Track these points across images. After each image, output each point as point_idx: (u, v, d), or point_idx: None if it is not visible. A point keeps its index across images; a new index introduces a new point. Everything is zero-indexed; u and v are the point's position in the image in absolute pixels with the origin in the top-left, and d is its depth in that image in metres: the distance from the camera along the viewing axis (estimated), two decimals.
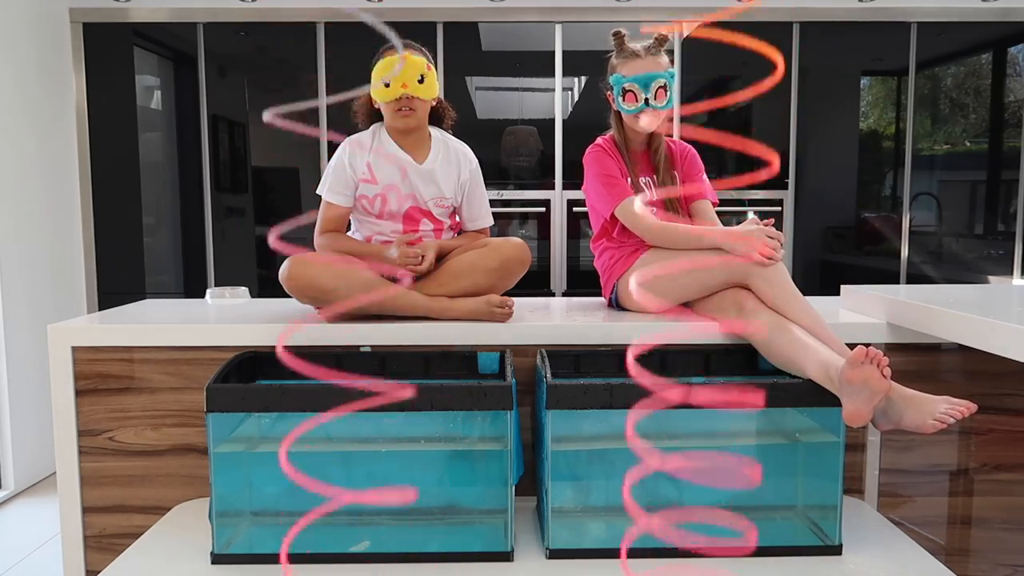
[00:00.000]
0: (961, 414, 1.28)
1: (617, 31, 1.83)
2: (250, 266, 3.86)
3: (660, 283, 1.73)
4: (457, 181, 1.84)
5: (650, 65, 1.77)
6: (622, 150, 1.87)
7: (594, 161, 1.86)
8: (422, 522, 1.38)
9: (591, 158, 1.87)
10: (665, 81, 1.76)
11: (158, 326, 1.65)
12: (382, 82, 1.70)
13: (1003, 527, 1.72)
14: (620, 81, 1.79)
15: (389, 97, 1.71)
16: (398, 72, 1.68)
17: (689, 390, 1.21)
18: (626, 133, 1.87)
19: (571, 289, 3.80)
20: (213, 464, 1.31)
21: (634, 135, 1.87)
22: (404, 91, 1.70)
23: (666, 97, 1.77)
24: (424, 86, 1.72)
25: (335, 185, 1.78)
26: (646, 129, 1.83)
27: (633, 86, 1.76)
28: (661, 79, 1.76)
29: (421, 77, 1.71)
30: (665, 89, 1.76)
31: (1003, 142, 3.84)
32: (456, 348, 1.62)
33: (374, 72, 1.74)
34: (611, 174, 1.82)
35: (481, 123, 3.80)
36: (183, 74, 3.79)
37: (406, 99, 1.72)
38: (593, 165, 1.86)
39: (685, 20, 3.65)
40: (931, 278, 3.87)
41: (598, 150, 1.87)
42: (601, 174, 1.83)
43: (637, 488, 1.39)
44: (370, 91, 1.77)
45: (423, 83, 1.71)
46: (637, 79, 1.76)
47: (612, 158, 1.85)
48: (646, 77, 1.75)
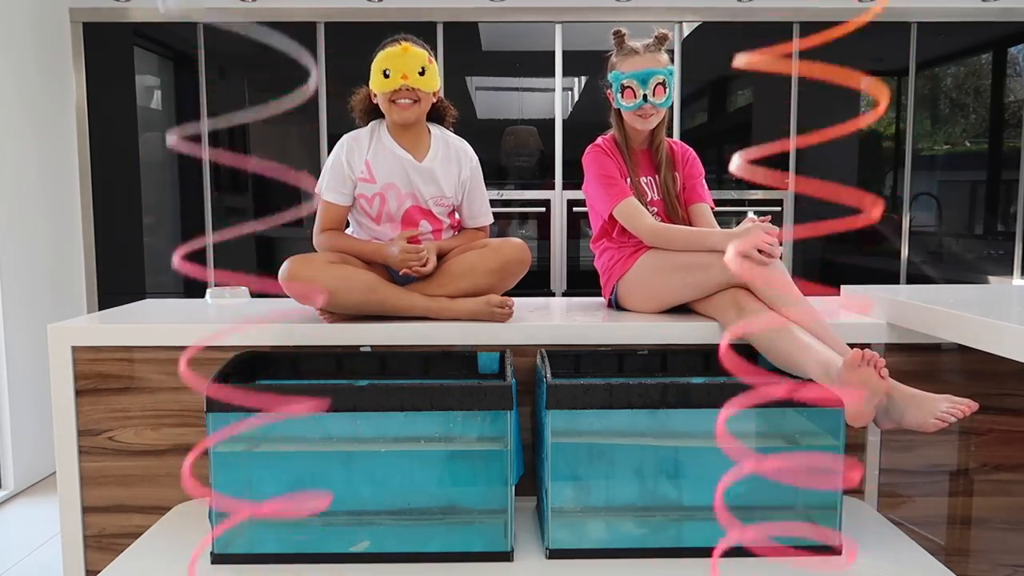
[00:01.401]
0: (962, 413, 1.28)
1: (617, 30, 1.83)
2: (250, 266, 3.86)
3: (660, 284, 1.73)
4: (458, 179, 1.81)
5: (649, 62, 1.77)
6: (622, 149, 1.87)
7: (593, 161, 1.86)
8: (422, 522, 1.38)
9: (590, 158, 1.87)
10: (664, 78, 1.76)
11: (158, 326, 1.65)
12: (382, 72, 1.69)
13: (1003, 527, 1.72)
14: (619, 78, 1.79)
15: (389, 87, 1.68)
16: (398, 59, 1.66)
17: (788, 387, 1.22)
18: (626, 132, 1.87)
19: (571, 289, 3.80)
20: (213, 464, 1.31)
21: (635, 134, 1.87)
22: (404, 82, 1.67)
23: (665, 94, 1.77)
24: (425, 78, 1.69)
25: (333, 183, 1.76)
26: (645, 128, 1.83)
27: (631, 82, 1.77)
28: (660, 75, 1.76)
29: (422, 69, 1.68)
30: (664, 86, 1.76)
31: (1003, 142, 3.83)
32: (456, 348, 1.62)
33: (374, 63, 1.71)
34: (610, 174, 1.82)
35: (481, 123, 3.80)
36: (183, 74, 3.79)
37: (406, 90, 1.69)
38: (592, 165, 1.86)
39: (685, 20, 3.66)
40: (931, 278, 3.87)
41: (597, 150, 1.87)
42: (600, 174, 1.83)
43: (637, 488, 1.39)
44: (369, 85, 1.75)
45: (424, 75, 1.69)
46: (635, 75, 1.76)
47: (611, 158, 1.85)
48: (645, 73, 1.76)
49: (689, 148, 1.94)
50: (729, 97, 3.94)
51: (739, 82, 3.87)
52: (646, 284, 1.77)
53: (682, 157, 1.92)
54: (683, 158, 1.92)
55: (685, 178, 1.91)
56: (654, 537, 1.36)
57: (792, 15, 3.66)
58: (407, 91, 1.69)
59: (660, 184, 1.88)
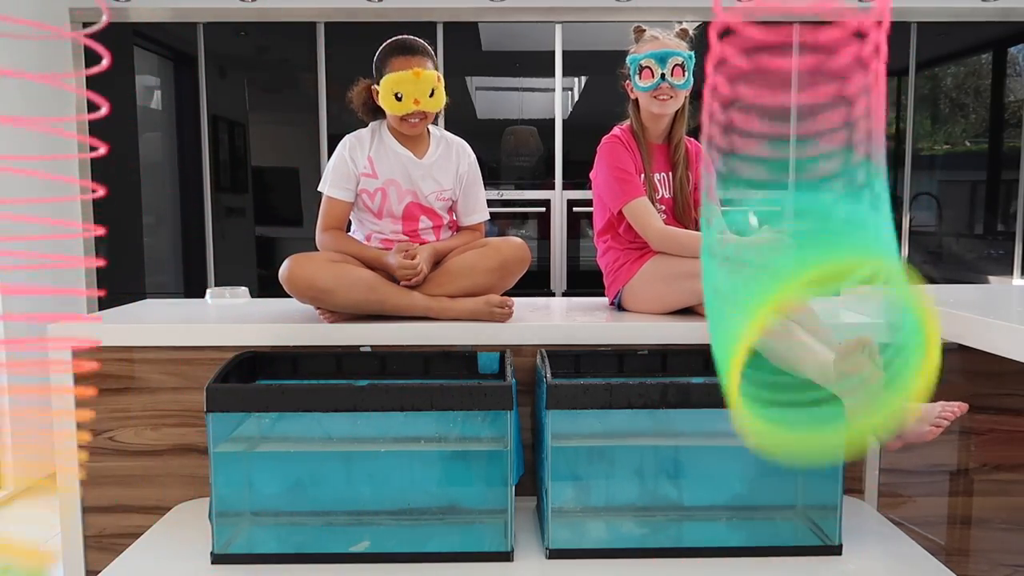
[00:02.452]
0: (954, 414, 1.29)
1: (638, 26, 1.81)
2: (250, 266, 3.86)
3: (666, 290, 1.73)
4: (456, 173, 1.84)
5: (668, 44, 1.75)
6: (639, 140, 1.83)
7: (609, 152, 1.82)
8: (422, 522, 1.39)
9: (606, 148, 1.83)
10: (683, 60, 1.74)
11: (158, 326, 1.65)
12: (393, 95, 1.71)
13: (1003, 527, 1.72)
14: (636, 60, 1.76)
15: (401, 111, 1.72)
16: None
17: None
18: (643, 123, 1.83)
19: (571, 289, 3.80)
20: (213, 464, 1.31)
21: (652, 125, 1.83)
22: (416, 107, 1.71)
23: (683, 76, 1.74)
24: (434, 99, 1.73)
25: (336, 180, 1.78)
26: (662, 111, 1.79)
27: (649, 61, 1.74)
28: (679, 56, 1.73)
29: (432, 91, 1.72)
30: (683, 68, 1.74)
31: (1003, 142, 3.83)
32: (456, 348, 1.62)
33: (384, 82, 1.71)
34: (624, 168, 1.79)
35: (481, 123, 3.80)
36: (183, 74, 3.79)
37: (416, 113, 1.72)
38: (607, 156, 1.82)
39: (685, 20, 3.66)
40: (931, 278, 3.87)
41: (614, 140, 1.83)
42: (614, 167, 1.80)
43: (637, 488, 1.39)
44: (375, 86, 1.77)
45: (433, 97, 1.72)
46: (654, 54, 1.73)
47: (628, 151, 1.81)
48: (663, 52, 1.73)
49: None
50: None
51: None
52: (652, 290, 1.75)
53: (697, 155, 1.88)
54: (699, 157, 1.88)
55: (698, 177, 1.87)
56: (654, 537, 1.36)
57: (792, 15, 3.66)
58: (417, 113, 1.73)
59: (673, 182, 1.85)
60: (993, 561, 1.72)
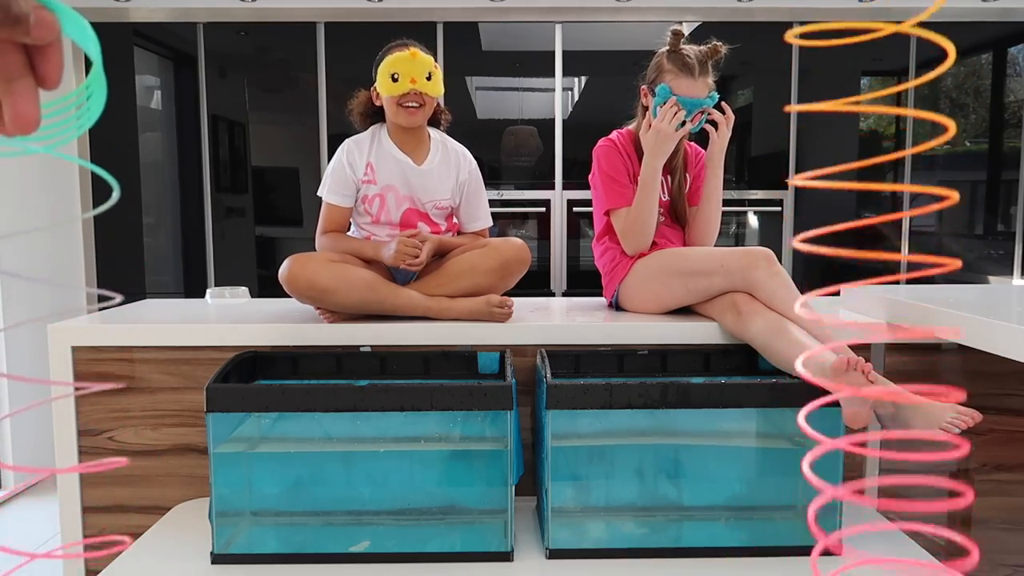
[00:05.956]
0: (966, 424, 1.26)
1: (677, 29, 1.78)
2: (250, 266, 3.86)
3: (661, 288, 1.73)
4: (456, 182, 1.83)
5: (700, 88, 1.74)
6: (639, 148, 1.83)
7: (603, 157, 1.84)
8: (422, 522, 1.38)
9: (601, 153, 1.85)
10: (708, 107, 1.76)
11: (158, 326, 1.65)
12: (390, 76, 1.70)
13: (1003, 527, 1.72)
14: (667, 93, 1.74)
15: (397, 91, 1.71)
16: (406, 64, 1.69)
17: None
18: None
19: (571, 289, 3.80)
20: (213, 464, 1.31)
21: None
22: (413, 86, 1.70)
23: (700, 120, 1.77)
24: (431, 83, 1.73)
25: (335, 186, 1.78)
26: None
27: (678, 105, 1.73)
28: (705, 105, 1.75)
29: (429, 74, 1.71)
30: (703, 113, 1.76)
31: (1003, 142, 3.83)
32: (456, 348, 1.62)
33: (381, 67, 1.73)
34: (616, 176, 1.81)
35: (481, 123, 3.80)
36: (183, 74, 3.79)
37: (414, 94, 1.71)
38: (601, 161, 1.84)
39: (685, 20, 3.66)
40: (931, 278, 3.87)
41: (609, 145, 1.84)
42: (606, 173, 1.82)
43: (637, 488, 1.39)
44: (374, 87, 1.77)
45: (430, 80, 1.72)
46: (686, 102, 1.73)
47: (623, 157, 1.83)
48: (694, 103, 1.73)
49: (702, 150, 1.92)
50: (729, 97, 3.94)
51: (739, 82, 3.88)
52: (647, 288, 1.76)
53: (695, 158, 1.90)
54: (696, 159, 1.90)
55: (694, 179, 1.90)
56: (654, 537, 1.36)
57: (792, 15, 3.66)
58: (415, 95, 1.72)
59: (672, 185, 1.86)
60: (993, 561, 1.72)
